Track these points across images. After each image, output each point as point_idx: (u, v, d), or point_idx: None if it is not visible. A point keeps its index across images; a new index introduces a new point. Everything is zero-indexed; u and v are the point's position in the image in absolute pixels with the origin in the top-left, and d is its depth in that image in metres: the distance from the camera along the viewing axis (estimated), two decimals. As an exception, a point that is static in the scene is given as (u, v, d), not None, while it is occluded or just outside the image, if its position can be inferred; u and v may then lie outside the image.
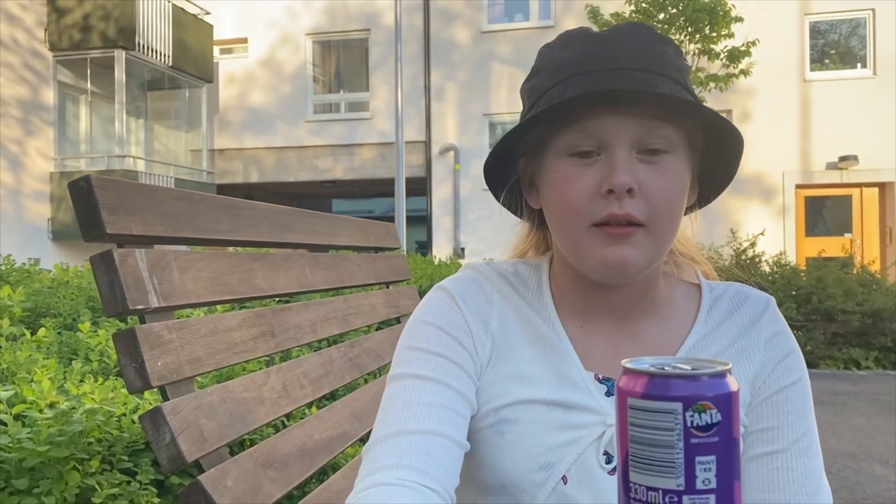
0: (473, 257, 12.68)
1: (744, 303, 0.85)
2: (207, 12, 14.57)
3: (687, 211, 0.84)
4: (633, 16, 10.26)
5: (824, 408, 5.18)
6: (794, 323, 7.03)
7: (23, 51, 11.99)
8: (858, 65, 12.65)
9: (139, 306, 0.92)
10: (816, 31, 12.88)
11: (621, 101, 0.74)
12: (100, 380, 1.97)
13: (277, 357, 2.08)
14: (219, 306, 2.06)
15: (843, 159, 12.08)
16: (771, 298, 0.86)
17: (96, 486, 1.54)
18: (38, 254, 9.08)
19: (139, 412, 1.65)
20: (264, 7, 14.57)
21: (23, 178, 11.94)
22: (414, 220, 12.21)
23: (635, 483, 0.47)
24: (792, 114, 12.48)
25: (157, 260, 0.97)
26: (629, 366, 0.49)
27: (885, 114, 11.99)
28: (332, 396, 1.83)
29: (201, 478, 0.93)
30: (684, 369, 0.48)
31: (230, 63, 15.06)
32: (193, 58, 13.80)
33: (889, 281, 7.82)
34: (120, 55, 12.22)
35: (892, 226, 12.18)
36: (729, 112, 12.18)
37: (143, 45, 12.40)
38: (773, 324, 0.83)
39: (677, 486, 0.46)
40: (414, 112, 13.57)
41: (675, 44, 0.80)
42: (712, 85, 10.13)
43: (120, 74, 12.25)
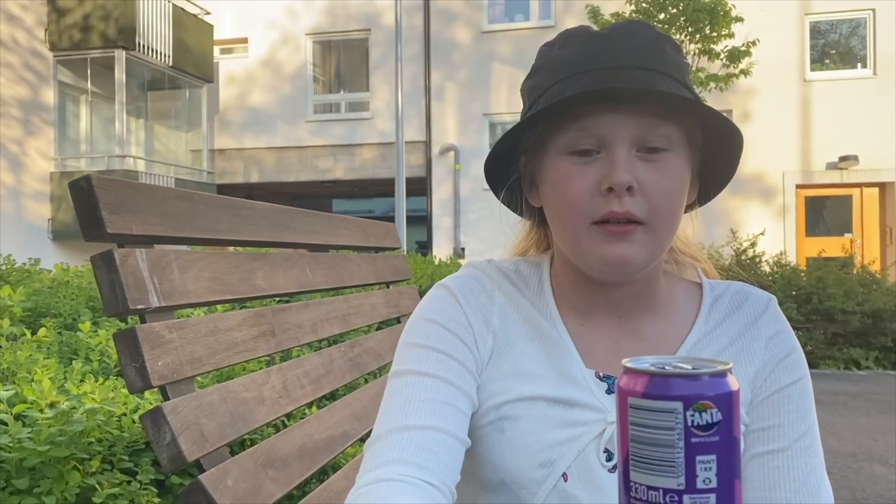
0: (474, 257, 12.63)
1: (745, 301, 0.85)
2: (208, 12, 14.57)
3: (687, 209, 0.84)
4: (634, 16, 10.25)
5: (824, 408, 5.18)
6: (795, 323, 7.03)
7: (23, 51, 11.99)
8: (859, 65, 12.65)
9: (140, 306, 0.92)
10: (817, 31, 12.88)
11: (621, 99, 0.74)
12: (100, 379, 1.97)
13: (278, 357, 2.08)
14: (219, 306, 2.06)
15: (843, 159, 12.08)
16: (772, 297, 0.86)
17: (97, 485, 1.54)
18: (39, 254, 9.07)
19: (140, 412, 1.65)
20: (264, 7, 14.57)
21: (23, 178, 11.95)
22: (414, 220, 12.21)
23: (636, 482, 0.47)
24: (792, 114, 12.48)
25: (158, 260, 0.97)
26: (630, 365, 0.49)
27: (885, 114, 11.99)
28: (333, 396, 1.83)
29: (202, 477, 0.93)
30: (685, 369, 0.48)
31: (230, 63, 15.07)
32: (194, 58, 13.80)
33: (889, 281, 7.82)
34: (120, 55, 12.23)
35: (892, 226, 12.18)
36: (729, 112, 12.17)
37: (144, 45, 12.40)
38: (775, 322, 0.84)
39: (678, 485, 0.46)
40: (414, 112, 13.56)
41: (675, 42, 0.80)
42: (712, 85, 10.13)
43: (120, 74, 12.26)
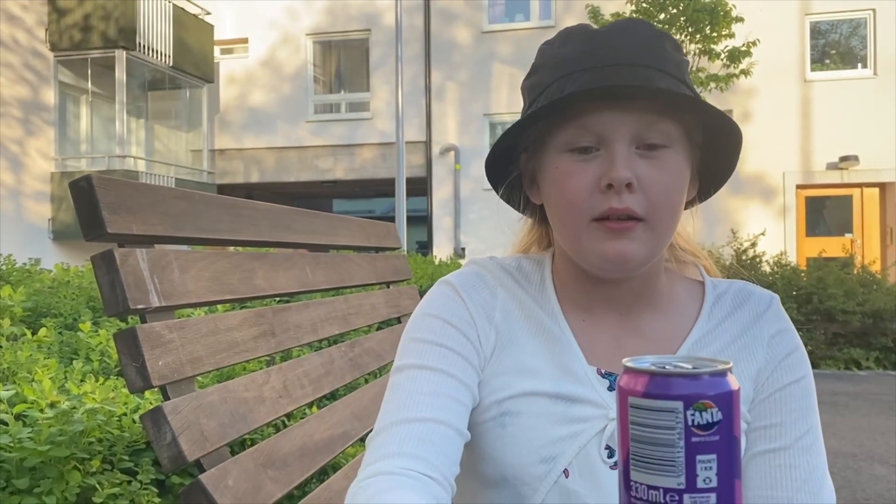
0: (474, 257, 12.65)
1: (747, 300, 0.85)
2: (208, 12, 14.58)
3: (687, 205, 0.84)
4: (634, 15, 10.25)
5: (825, 408, 5.15)
6: (795, 323, 6.94)
7: (23, 51, 11.99)
8: (859, 65, 12.64)
9: (140, 306, 0.92)
10: (817, 31, 12.88)
11: (620, 96, 0.74)
12: (100, 379, 1.97)
13: (278, 357, 2.08)
14: (219, 306, 2.06)
15: (843, 159, 12.07)
16: (775, 296, 0.86)
17: (97, 485, 1.54)
18: (39, 254, 9.08)
19: (140, 412, 1.65)
20: (265, 7, 14.57)
21: (23, 178, 11.95)
22: (414, 220, 12.20)
23: (636, 482, 0.47)
24: (792, 114, 12.48)
25: (158, 259, 0.97)
26: (630, 365, 0.49)
27: (885, 114, 11.99)
28: (333, 396, 1.83)
29: (202, 477, 0.93)
30: (685, 368, 0.48)
31: (231, 63, 15.07)
32: (194, 58, 13.80)
33: (889, 281, 7.82)
34: (121, 55, 12.23)
35: (892, 226, 12.17)
36: (729, 112, 12.15)
37: (144, 46, 12.41)
38: (777, 321, 0.84)
39: (678, 484, 0.46)
40: (414, 112, 13.56)
41: (674, 39, 0.80)
42: (713, 85, 10.14)
43: (120, 74, 12.26)
